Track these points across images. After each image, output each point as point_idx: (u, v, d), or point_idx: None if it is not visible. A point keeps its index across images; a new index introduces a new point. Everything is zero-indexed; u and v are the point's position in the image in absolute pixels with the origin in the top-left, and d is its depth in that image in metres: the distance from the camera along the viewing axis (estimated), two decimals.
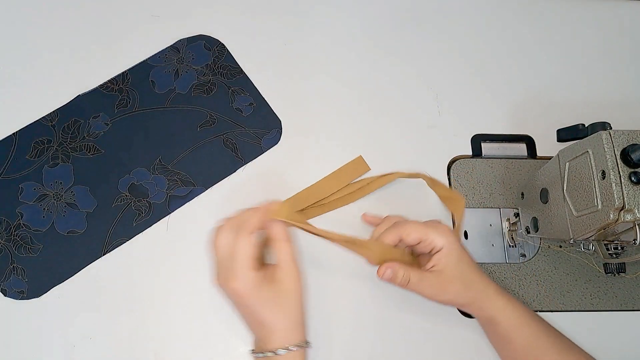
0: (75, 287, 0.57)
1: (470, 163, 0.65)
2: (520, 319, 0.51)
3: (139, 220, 0.60)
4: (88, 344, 0.55)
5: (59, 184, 0.60)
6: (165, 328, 0.56)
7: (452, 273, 0.51)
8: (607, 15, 0.75)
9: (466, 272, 0.51)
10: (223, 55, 0.68)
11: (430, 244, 0.51)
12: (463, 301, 0.52)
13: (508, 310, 0.51)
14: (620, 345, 0.58)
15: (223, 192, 0.62)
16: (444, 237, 0.51)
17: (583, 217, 0.48)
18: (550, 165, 0.54)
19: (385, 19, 0.72)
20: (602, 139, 0.46)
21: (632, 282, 0.61)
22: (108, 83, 0.65)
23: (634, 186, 0.44)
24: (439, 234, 0.51)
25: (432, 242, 0.51)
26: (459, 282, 0.51)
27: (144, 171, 0.62)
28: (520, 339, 0.51)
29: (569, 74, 0.71)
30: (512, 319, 0.51)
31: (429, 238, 0.51)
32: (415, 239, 0.51)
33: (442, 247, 0.51)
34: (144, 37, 0.68)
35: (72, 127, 0.63)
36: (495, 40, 0.72)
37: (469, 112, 0.68)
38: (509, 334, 0.51)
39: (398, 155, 0.65)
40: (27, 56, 0.66)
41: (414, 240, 0.51)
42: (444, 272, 0.51)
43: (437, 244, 0.51)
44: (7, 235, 0.58)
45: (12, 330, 0.55)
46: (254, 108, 0.65)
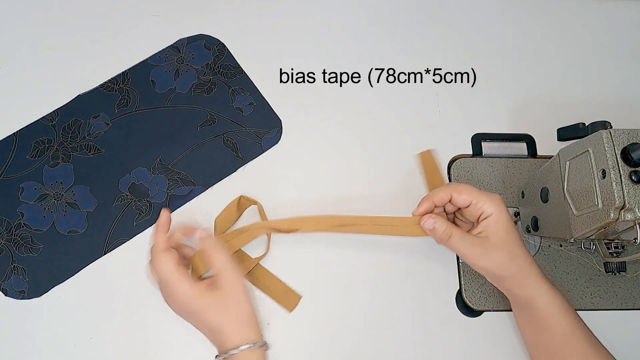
0: (75, 286, 0.57)
1: (471, 162, 0.65)
2: (561, 307, 0.49)
3: (140, 220, 0.60)
4: (88, 344, 0.55)
5: (60, 183, 0.60)
6: (166, 328, 0.56)
7: (498, 241, 0.49)
8: (607, 15, 0.75)
9: (513, 244, 0.50)
10: (223, 55, 0.68)
11: (479, 209, 0.50)
12: (504, 272, 0.50)
13: (550, 295, 0.49)
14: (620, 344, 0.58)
15: (223, 191, 0.62)
16: (495, 205, 0.50)
17: (583, 216, 0.48)
18: (550, 165, 0.54)
19: (385, 18, 0.72)
20: (603, 138, 0.46)
21: (632, 281, 0.61)
22: (108, 83, 0.65)
23: (634, 185, 0.44)
24: (491, 201, 0.50)
25: (483, 207, 0.50)
26: (504, 252, 0.49)
27: (144, 171, 0.62)
28: (560, 328, 0.49)
29: (570, 73, 0.71)
30: (554, 305, 0.49)
31: (480, 201, 0.50)
32: (466, 200, 0.51)
33: (491, 214, 0.50)
34: (144, 36, 0.68)
35: (72, 126, 0.63)
36: (496, 39, 0.72)
37: (469, 111, 0.68)
38: (548, 321, 0.49)
39: (398, 154, 0.65)
40: (27, 56, 0.66)
41: (464, 201, 0.51)
42: (490, 239, 0.50)
43: (487, 210, 0.50)
44: (7, 235, 0.58)
45: (12, 330, 0.55)
46: (254, 108, 0.65)
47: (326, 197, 0.62)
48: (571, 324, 0.49)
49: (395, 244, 0.60)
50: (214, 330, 0.48)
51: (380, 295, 0.58)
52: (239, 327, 0.48)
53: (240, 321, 0.48)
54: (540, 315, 0.50)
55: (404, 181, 0.63)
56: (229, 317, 0.48)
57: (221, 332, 0.48)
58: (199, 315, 0.48)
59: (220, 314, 0.48)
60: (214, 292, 0.49)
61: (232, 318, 0.48)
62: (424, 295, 0.59)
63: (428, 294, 0.59)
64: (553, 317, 0.49)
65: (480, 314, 0.58)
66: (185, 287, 0.48)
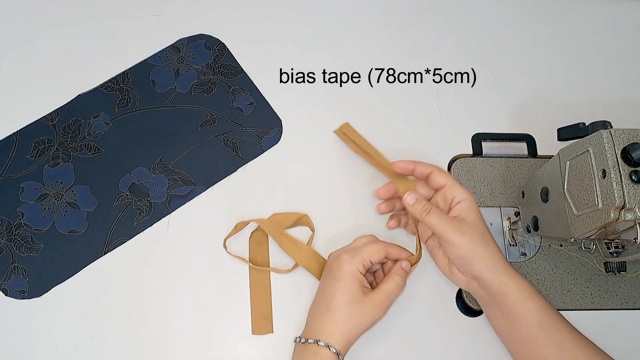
0: (75, 286, 0.57)
1: (471, 162, 0.65)
2: (530, 293, 0.51)
3: (140, 220, 0.60)
4: (88, 344, 0.55)
5: (60, 183, 0.60)
6: (166, 327, 0.56)
7: (471, 222, 0.52)
8: (607, 15, 0.75)
9: (484, 228, 0.53)
10: (223, 55, 0.68)
11: (452, 193, 0.54)
12: (476, 250, 0.51)
13: (517, 280, 0.51)
14: (620, 344, 0.58)
15: (224, 191, 0.62)
16: (466, 193, 0.54)
17: (583, 216, 0.48)
18: (550, 164, 0.54)
19: (385, 18, 0.72)
20: (603, 138, 0.46)
21: (632, 281, 0.61)
22: (108, 82, 0.65)
23: (635, 185, 0.44)
24: (463, 189, 0.54)
25: (456, 191, 0.54)
26: (476, 232, 0.52)
27: (144, 171, 0.62)
28: (533, 313, 0.50)
29: (570, 73, 0.71)
30: (521, 292, 0.50)
31: (455, 186, 0.54)
32: (442, 181, 0.55)
33: (464, 199, 0.53)
34: (144, 36, 0.68)
35: (72, 126, 0.63)
36: (496, 39, 0.72)
37: (469, 111, 0.68)
38: (520, 309, 0.50)
39: (398, 154, 0.65)
40: (27, 56, 0.66)
41: (442, 180, 0.55)
42: (465, 220, 0.52)
43: (460, 195, 0.54)
44: (7, 235, 0.58)
45: (12, 329, 0.55)
46: (255, 107, 0.65)
47: (326, 197, 0.62)
48: (543, 310, 0.50)
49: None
50: (327, 310, 0.51)
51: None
52: (342, 334, 0.50)
53: (347, 331, 0.50)
54: (511, 303, 0.51)
55: None
56: (345, 319, 0.50)
57: (329, 320, 0.50)
58: (338, 289, 0.51)
59: (345, 310, 0.50)
60: (362, 295, 0.51)
61: (346, 323, 0.50)
62: (424, 295, 0.59)
63: (428, 294, 0.59)
64: (524, 304, 0.50)
65: (480, 314, 0.58)
66: (361, 269, 0.52)
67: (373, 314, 0.51)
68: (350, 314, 0.50)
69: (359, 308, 0.51)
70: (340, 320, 0.50)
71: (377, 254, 0.53)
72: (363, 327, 0.51)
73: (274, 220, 0.59)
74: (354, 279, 0.51)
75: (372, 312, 0.51)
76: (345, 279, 0.51)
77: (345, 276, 0.51)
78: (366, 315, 0.51)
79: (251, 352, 0.56)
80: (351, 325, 0.50)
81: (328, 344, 0.49)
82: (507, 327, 0.53)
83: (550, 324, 0.50)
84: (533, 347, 0.50)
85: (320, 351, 0.49)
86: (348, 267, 0.52)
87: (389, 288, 0.53)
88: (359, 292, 0.51)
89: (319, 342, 0.49)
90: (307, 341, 0.50)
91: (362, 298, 0.51)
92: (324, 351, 0.49)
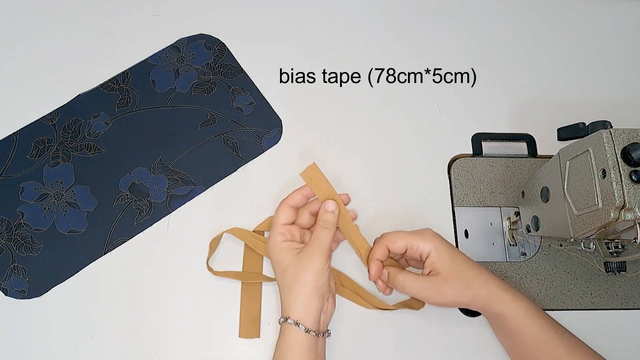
0: (75, 286, 0.57)
1: (471, 162, 0.65)
2: (529, 313, 0.50)
3: (140, 220, 0.60)
4: (88, 343, 0.55)
5: (60, 183, 0.60)
6: (166, 327, 0.56)
7: (448, 274, 0.51)
8: (607, 15, 0.75)
9: (462, 270, 0.51)
10: (223, 55, 0.68)
11: (417, 250, 0.52)
12: (464, 300, 0.51)
13: (515, 305, 0.50)
14: (620, 344, 0.58)
15: (223, 191, 0.62)
16: (429, 241, 0.52)
17: (584, 215, 0.48)
18: (550, 164, 0.54)
19: (385, 18, 0.72)
20: (603, 138, 0.46)
21: (632, 280, 0.61)
22: (108, 82, 0.65)
23: (635, 185, 0.44)
24: (423, 239, 0.52)
25: (418, 247, 0.52)
26: (457, 282, 0.51)
27: (144, 170, 0.62)
28: (530, 334, 0.50)
29: (570, 73, 0.71)
30: (521, 314, 0.50)
31: (415, 244, 0.52)
32: (401, 247, 0.53)
33: (430, 252, 0.52)
34: (144, 36, 0.68)
35: (72, 126, 0.63)
36: (496, 39, 0.72)
37: (469, 111, 0.68)
38: (518, 330, 0.50)
39: (398, 154, 0.65)
40: (27, 56, 0.66)
41: (400, 248, 0.53)
42: (440, 275, 0.51)
43: (424, 249, 0.52)
44: (7, 235, 0.58)
45: (12, 329, 0.55)
46: (255, 107, 0.65)
47: None
48: (540, 329, 0.50)
49: None
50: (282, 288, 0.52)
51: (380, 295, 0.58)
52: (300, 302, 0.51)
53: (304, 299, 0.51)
54: (509, 325, 0.51)
55: (403, 180, 0.63)
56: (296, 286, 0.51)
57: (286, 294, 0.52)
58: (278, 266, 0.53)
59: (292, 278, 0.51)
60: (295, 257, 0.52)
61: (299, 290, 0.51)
62: None
63: None
64: (521, 326, 0.50)
65: (480, 314, 0.58)
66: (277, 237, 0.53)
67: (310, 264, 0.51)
68: (292, 279, 0.51)
69: (295, 269, 0.51)
70: (289, 290, 0.51)
71: (281, 214, 0.54)
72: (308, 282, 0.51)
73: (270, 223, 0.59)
74: (280, 251, 0.53)
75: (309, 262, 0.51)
76: (278, 259, 0.53)
77: (274, 255, 0.53)
78: (305, 270, 0.51)
79: (251, 352, 0.56)
80: (299, 288, 0.51)
81: (287, 317, 0.50)
82: (506, 342, 0.54)
83: (548, 343, 0.50)
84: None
85: (284, 328, 0.50)
86: (271, 246, 0.53)
87: (316, 234, 0.53)
88: (289, 257, 0.52)
89: (283, 318, 0.51)
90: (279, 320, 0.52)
91: (294, 259, 0.52)
92: (285, 326, 0.50)
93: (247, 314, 0.57)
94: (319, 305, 0.51)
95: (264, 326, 0.57)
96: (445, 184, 0.64)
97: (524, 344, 0.51)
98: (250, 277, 0.58)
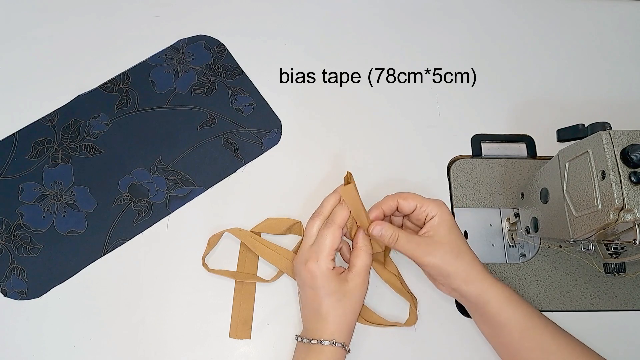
0: (75, 287, 0.57)
1: (470, 163, 0.65)
2: (510, 299, 0.51)
3: (139, 221, 0.60)
4: (88, 344, 0.55)
5: (59, 184, 0.60)
6: (165, 328, 0.56)
7: (442, 239, 0.52)
8: (607, 15, 0.75)
9: (456, 242, 0.52)
10: (223, 55, 0.68)
11: (424, 212, 0.53)
12: (449, 267, 0.51)
13: (497, 290, 0.51)
14: (620, 345, 0.58)
15: (223, 192, 0.62)
16: (437, 207, 0.53)
17: (583, 217, 0.48)
18: (550, 165, 0.54)
19: (385, 18, 0.72)
20: (602, 139, 0.46)
21: (632, 282, 0.61)
22: (108, 83, 0.65)
23: (634, 186, 0.44)
24: (434, 205, 0.53)
25: (427, 209, 0.53)
26: (448, 248, 0.52)
27: (144, 171, 0.62)
28: (514, 320, 0.50)
29: (569, 74, 0.71)
30: (501, 300, 0.51)
31: (424, 205, 0.53)
32: (411, 205, 0.54)
33: (435, 215, 0.53)
34: (144, 37, 0.68)
35: (72, 127, 0.63)
36: (496, 39, 0.72)
37: (469, 112, 0.68)
38: (500, 316, 0.51)
39: (398, 155, 0.65)
40: (27, 56, 0.66)
41: (410, 206, 0.54)
42: (434, 237, 0.52)
43: (431, 212, 0.53)
44: (7, 236, 0.58)
45: (12, 330, 0.55)
46: (254, 108, 0.65)
47: None
48: (524, 316, 0.50)
49: None
50: (320, 314, 0.51)
51: (380, 295, 0.58)
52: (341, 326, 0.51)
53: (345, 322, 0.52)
54: (492, 311, 0.51)
55: (403, 181, 0.63)
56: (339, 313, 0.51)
57: (324, 320, 0.51)
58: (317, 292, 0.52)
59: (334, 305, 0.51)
60: (341, 283, 0.52)
61: (341, 315, 0.51)
62: (423, 295, 0.59)
63: (427, 294, 0.59)
64: (504, 311, 0.51)
65: None
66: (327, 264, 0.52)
67: (359, 295, 0.53)
68: (343, 310, 0.51)
69: (346, 301, 0.52)
70: (336, 320, 0.51)
71: (335, 240, 0.52)
72: (356, 311, 0.53)
73: (268, 225, 0.59)
74: (329, 279, 0.51)
75: (358, 294, 0.52)
76: (323, 285, 0.51)
77: (321, 282, 0.51)
78: (355, 301, 0.52)
79: (251, 353, 0.56)
80: (348, 317, 0.52)
81: (332, 340, 0.51)
82: (491, 333, 0.54)
83: (533, 329, 0.50)
84: (518, 352, 0.51)
85: (324, 349, 0.50)
86: (318, 272, 0.51)
87: (360, 263, 0.53)
88: (339, 286, 0.52)
89: (322, 341, 0.51)
90: (310, 341, 0.51)
91: (345, 289, 0.52)
92: (329, 348, 0.50)
93: (239, 315, 0.57)
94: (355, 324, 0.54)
95: (263, 327, 0.57)
96: (445, 185, 0.64)
97: (508, 332, 0.51)
98: (245, 277, 0.58)
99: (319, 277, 0.51)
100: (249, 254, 0.59)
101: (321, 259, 0.52)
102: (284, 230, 0.59)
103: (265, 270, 0.59)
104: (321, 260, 0.51)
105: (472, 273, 0.51)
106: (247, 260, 0.59)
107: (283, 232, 0.60)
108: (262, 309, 0.57)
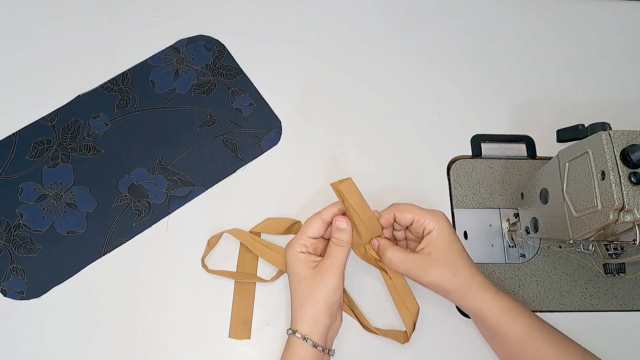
0: (75, 287, 0.57)
1: (470, 163, 0.65)
2: (511, 312, 0.50)
3: (139, 221, 0.60)
4: (87, 344, 0.55)
5: (59, 184, 0.60)
6: (165, 328, 0.56)
7: (439, 256, 0.51)
8: (607, 15, 0.75)
9: (454, 258, 0.51)
10: (223, 56, 0.68)
11: (422, 225, 0.52)
12: (447, 286, 0.51)
13: (495, 305, 0.50)
14: (620, 345, 0.58)
15: (223, 192, 0.62)
16: (436, 220, 0.52)
17: (583, 217, 0.48)
18: (550, 166, 0.54)
19: (384, 19, 0.72)
20: (602, 140, 0.46)
21: (631, 282, 0.61)
22: (108, 83, 0.65)
23: (634, 187, 0.44)
24: (432, 217, 0.52)
25: (424, 223, 0.52)
26: (445, 266, 0.51)
27: (143, 171, 0.62)
28: (513, 333, 0.50)
29: (569, 74, 0.71)
30: (501, 313, 0.50)
31: (422, 218, 0.52)
32: (408, 218, 0.53)
33: (433, 229, 0.52)
34: (144, 37, 0.68)
35: (72, 127, 0.63)
36: (495, 40, 0.72)
37: (468, 113, 0.68)
38: (500, 329, 0.50)
39: (398, 155, 0.65)
40: (27, 56, 0.66)
41: (407, 219, 0.53)
42: (431, 255, 0.51)
43: (429, 226, 0.52)
44: (6, 236, 0.58)
45: (12, 330, 0.55)
46: (254, 108, 0.65)
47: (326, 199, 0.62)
48: (524, 328, 0.50)
49: None
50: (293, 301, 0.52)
51: (380, 295, 0.58)
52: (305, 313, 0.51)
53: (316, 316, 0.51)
54: (491, 323, 0.51)
55: (402, 181, 0.63)
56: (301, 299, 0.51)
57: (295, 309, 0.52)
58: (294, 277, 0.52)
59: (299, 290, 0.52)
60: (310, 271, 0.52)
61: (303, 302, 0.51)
62: (423, 296, 0.59)
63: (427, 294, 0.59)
64: (503, 324, 0.50)
65: None
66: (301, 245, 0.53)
67: (324, 281, 0.51)
68: (305, 293, 0.51)
69: (309, 284, 0.51)
70: (301, 304, 0.51)
71: (311, 226, 0.53)
72: (320, 299, 0.51)
73: (268, 225, 0.59)
74: (296, 261, 0.52)
75: (323, 280, 0.51)
76: (291, 267, 0.52)
77: (290, 264, 0.53)
78: (318, 287, 0.51)
79: (251, 353, 0.56)
80: (310, 303, 0.51)
81: (295, 330, 0.50)
82: (490, 340, 0.54)
83: (534, 341, 0.49)
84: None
85: (291, 340, 0.51)
86: (289, 254, 0.53)
87: (330, 251, 0.52)
88: (305, 270, 0.52)
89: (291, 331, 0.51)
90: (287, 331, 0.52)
91: (310, 273, 0.51)
92: (292, 338, 0.50)
93: (238, 315, 0.57)
94: (328, 323, 0.51)
95: (262, 328, 0.57)
96: (445, 185, 0.64)
97: (507, 343, 0.50)
98: (244, 277, 0.58)
99: (290, 260, 0.53)
100: (248, 254, 0.59)
101: (294, 243, 0.53)
102: (283, 230, 0.59)
103: (264, 271, 0.59)
104: (294, 243, 0.53)
105: (471, 288, 0.51)
106: (246, 260, 0.59)
107: (283, 232, 0.60)
108: (261, 309, 0.57)
